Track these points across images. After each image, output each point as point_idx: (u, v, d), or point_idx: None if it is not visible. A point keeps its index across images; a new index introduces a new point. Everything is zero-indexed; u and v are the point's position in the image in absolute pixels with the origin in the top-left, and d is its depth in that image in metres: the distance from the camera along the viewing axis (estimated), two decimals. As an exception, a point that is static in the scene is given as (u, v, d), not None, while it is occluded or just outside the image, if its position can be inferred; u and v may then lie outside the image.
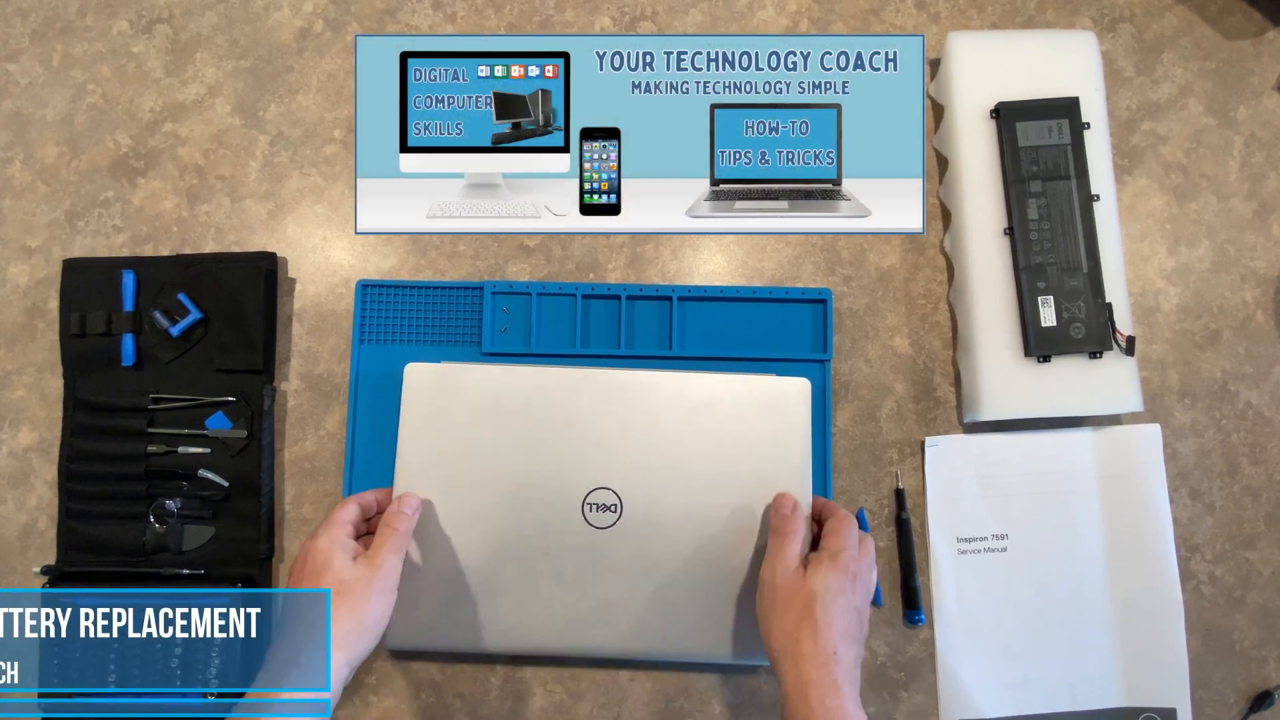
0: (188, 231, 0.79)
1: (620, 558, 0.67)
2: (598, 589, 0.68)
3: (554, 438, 0.68)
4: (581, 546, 0.68)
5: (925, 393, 0.77)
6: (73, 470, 0.74)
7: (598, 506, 0.68)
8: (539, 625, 0.68)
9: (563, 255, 0.79)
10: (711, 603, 0.68)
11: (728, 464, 0.68)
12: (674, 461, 0.68)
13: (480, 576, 0.68)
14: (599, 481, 0.68)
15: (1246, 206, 0.80)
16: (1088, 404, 0.74)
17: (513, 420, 0.69)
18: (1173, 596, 0.74)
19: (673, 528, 0.68)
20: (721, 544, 0.68)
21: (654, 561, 0.68)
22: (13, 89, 0.80)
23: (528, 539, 0.68)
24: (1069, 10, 0.82)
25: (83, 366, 0.76)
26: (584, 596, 0.68)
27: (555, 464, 0.68)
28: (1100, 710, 0.73)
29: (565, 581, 0.68)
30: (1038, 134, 0.75)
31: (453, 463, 0.68)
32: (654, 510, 0.68)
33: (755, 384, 0.69)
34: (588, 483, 0.68)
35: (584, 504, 0.68)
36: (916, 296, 0.78)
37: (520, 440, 0.68)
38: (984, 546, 0.75)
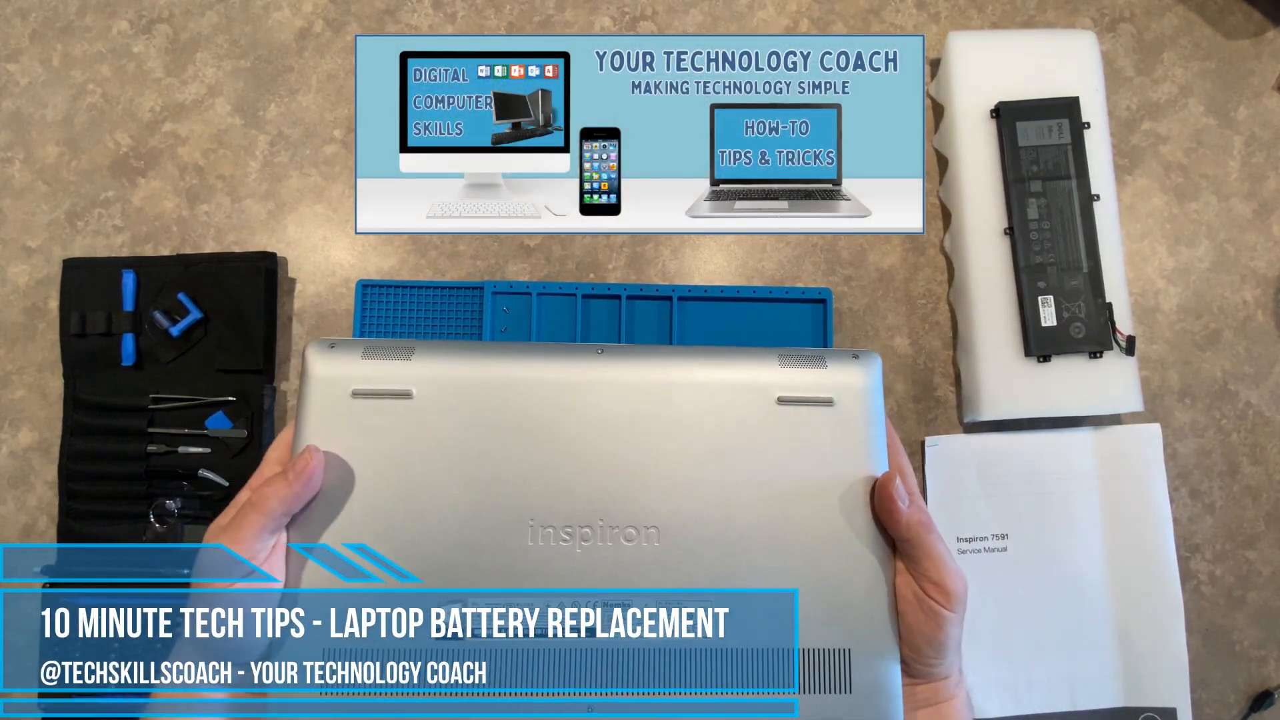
0: (188, 231, 0.79)
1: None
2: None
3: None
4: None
5: (925, 393, 0.77)
6: (73, 470, 0.74)
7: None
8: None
9: (563, 255, 0.79)
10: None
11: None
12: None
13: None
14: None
15: (1246, 206, 0.80)
16: (1088, 404, 0.74)
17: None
18: (1173, 596, 0.74)
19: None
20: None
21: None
22: (13, 89, 0.80)
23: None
24: (1069, 10, 0.82)
25: (83, 366, 0.76)
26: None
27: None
28: (1100, 710, 0.73)
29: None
30: (1038, 134, 0.75)
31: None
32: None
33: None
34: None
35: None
36: (916, 296, 0.78)
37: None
38: (984, 546, 0.75)
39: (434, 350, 0.53)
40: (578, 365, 0.53)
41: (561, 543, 0.51)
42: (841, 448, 0.52)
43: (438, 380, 0.52)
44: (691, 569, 0.51)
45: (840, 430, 0.52)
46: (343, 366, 0.53)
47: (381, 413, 0.52)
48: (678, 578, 0.51)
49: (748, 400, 0.53)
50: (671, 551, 0.51)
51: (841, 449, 0.52)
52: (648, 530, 0.51)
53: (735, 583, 0.51)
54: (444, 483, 0.51)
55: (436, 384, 0.52)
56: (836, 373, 0.53)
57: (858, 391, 0.53)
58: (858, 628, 0.50)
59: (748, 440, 0.52)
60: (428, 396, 0.52)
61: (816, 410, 0.53)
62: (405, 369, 0.53)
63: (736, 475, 0.52)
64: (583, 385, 0.53)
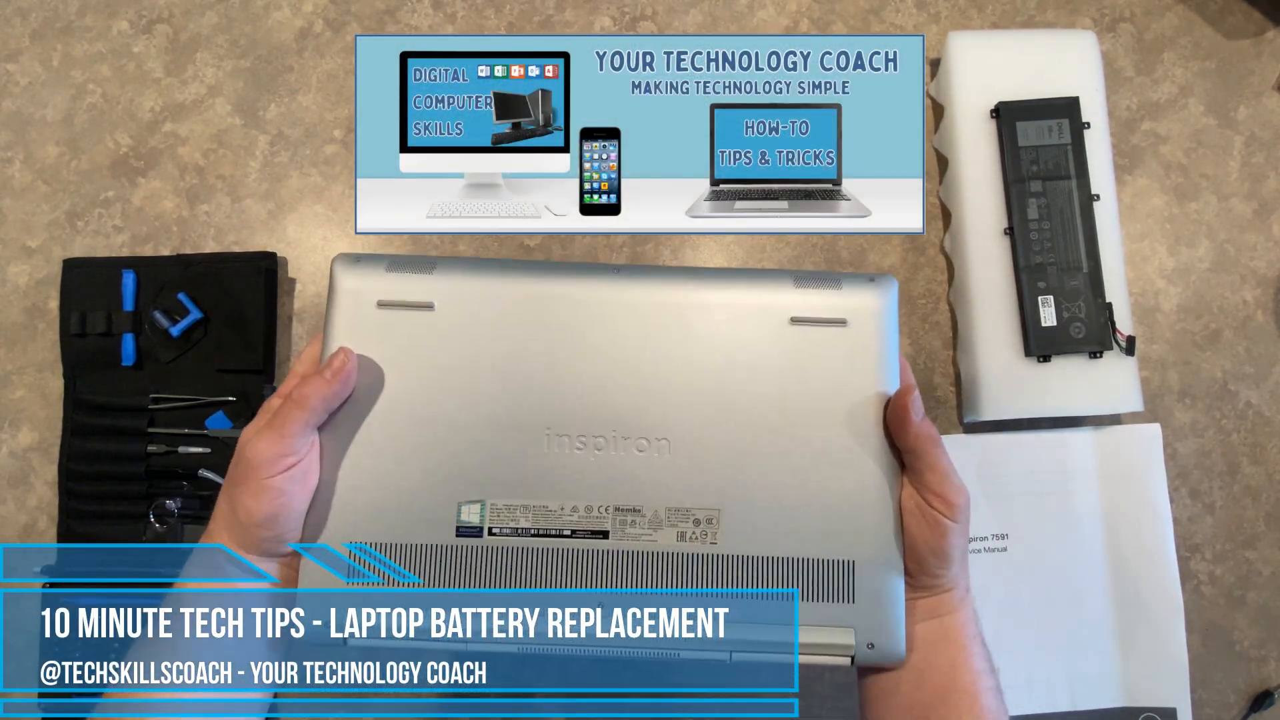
0: (188, 231, 0.79)
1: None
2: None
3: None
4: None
5: (925, 393, 0.77)
6: (73, 470, 0.74)
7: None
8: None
9: (563, 255, 0.79)
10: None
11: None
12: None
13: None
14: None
15: (1246, 206, 0.80)
16: (1088, 404, 0.74)
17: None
18: (1173, 596, 0.74)
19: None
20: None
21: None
22: (13, 89, 0.80)
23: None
24: (1069, 10, 0.82)
25: (83, 366, 0.76)
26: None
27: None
28: (1100, 710, 0.73)
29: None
30: (1038, 134, 0.75)
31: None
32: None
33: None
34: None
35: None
36: (916, 296, 0.78)
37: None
38: (984, 546, 0.75)
39: (455, 266, 0.55)
40: (595, 283, 0.55)
41: (576, 451, 0.53)
42: (853, 367, 0.53)
43: (458, 293, 0.54)
44: (700, 480, 0.52)
45: (853, 350, 0.53)
46: (368, 279, 0.54)
47: (405, 323, 0.54)
48: (686, 487, 0.52)
49: (761, 320, 0.54)
50: (681, 462, 0.52)
51: (853, 368, 0.53)
52: (659, 442, 0.53)
53: (740, 494, 0.52)
54: (464, 391, 0.53)
55: (457, 297, 0.54)
56: (851, 295, 0.54)
57: (872, 313, 0.54)
58: (863, 540, 0.52)
59: (760, 358, 0.53)
60: (449, 309, 0.54)
61: (830, 330, 0.54)
62: (427, 283, 0.54)
63: (747, 391, 0.53)
64: (599, 303, 0.54)
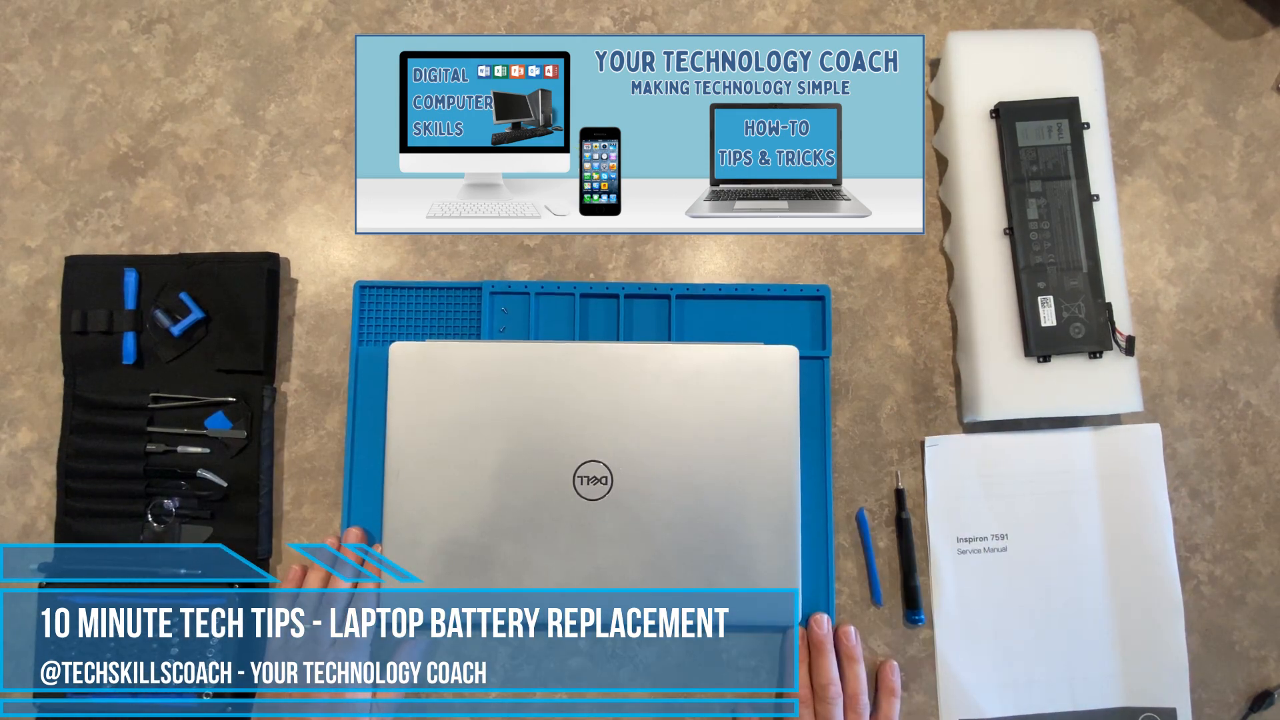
0: (187, 231, 0.79)
1: (611, 528, 0.68)
2: (591, 559, 0.68)
3: (542, 412, 0.69)
4: (574, 518, 0.68)
5: (925, 393, 0.77)
6: (71, 468, 0.74)
7: (588, 479, 0.68)
8: (532, 599, 0.68)
9: (563, 255, 0.79)
10: (704, 569, 0.68)
11: (717, 433, 0.69)
12: (663, 432, 0.69)
13: (473, 550, 0.68)
14: (589, 454, 0.69)
15: (1246, 206, 0.80)
16: (1088, 404, 0.74)
17: (500, 395, 0.70)
18: (1173, 596, 0.74)
19: (663, 498, 0.68)
20: (713, 512, 0.68)
21: (645, 531, 0.68)
22: (13, 89, 0.80)
23: (520, 513, 0.68)
24: (1069, 10, 0.82)
25: (83, 364, 0.76)
26: (577, 567, 0.68)
27: (544, 438, 0.69)
28: (1100, 710, 0.73)
29: (558, 553, 0.68)
30: (1038, 134, 0.75)
31: (442, 440, 0.69)
32: (644, 480, 0.68)
33: (743, 353, 0.70)
34: (578, 455, 0.69)
35: (575, 476, 0.68)
36: (916, 296, 0.78)
37: (509, 415, 0.69)
38: (984, 546, 0.75)
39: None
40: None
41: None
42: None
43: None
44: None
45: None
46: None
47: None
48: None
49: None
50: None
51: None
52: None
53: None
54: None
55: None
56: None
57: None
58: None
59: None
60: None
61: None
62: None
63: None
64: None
